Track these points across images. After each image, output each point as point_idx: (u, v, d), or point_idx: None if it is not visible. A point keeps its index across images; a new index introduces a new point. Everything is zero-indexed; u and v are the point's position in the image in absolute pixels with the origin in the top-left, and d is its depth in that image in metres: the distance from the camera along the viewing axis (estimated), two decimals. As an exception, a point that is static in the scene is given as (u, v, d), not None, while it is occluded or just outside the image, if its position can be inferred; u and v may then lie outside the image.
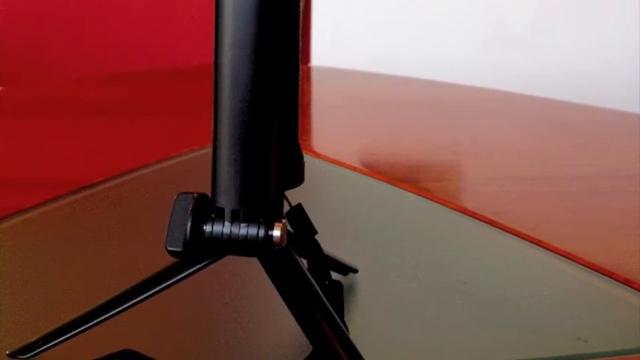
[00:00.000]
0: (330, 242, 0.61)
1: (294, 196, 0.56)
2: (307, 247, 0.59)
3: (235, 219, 0.52)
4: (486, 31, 2.42)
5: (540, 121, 1.38)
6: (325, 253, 0.60)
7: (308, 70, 1.89)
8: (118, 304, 0.55)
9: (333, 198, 0.98)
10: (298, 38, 0.56)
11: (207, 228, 0.52)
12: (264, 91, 0.51)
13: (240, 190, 0.52)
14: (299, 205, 0.58)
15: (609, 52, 2.37)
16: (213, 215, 0.52)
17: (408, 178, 1.01)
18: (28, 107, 1.41)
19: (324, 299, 0.53)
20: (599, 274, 0.75)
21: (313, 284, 0.54)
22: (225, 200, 0.52)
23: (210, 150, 0.52)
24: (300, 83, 0.56)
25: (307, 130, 1.26)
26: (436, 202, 0.92)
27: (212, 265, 0.53)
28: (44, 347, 0.55)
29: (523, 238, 0.82)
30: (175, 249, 0.52)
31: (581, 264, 0.76)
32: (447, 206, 0.90)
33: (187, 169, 1.02)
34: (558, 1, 2.38)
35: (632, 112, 1.43)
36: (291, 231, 0.57)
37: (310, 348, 0.54)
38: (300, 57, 0.56)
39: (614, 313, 0.70)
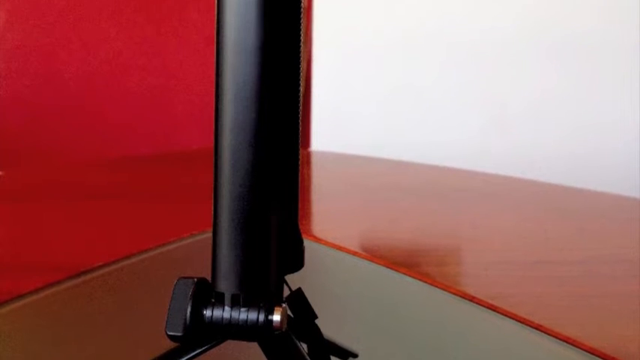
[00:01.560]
0: (330, 326, 0.61)
1: (294, 280, 0.56)
2: (307, 331, 0.58)
3: (235, 304, 0.52)
4: (486, 116, 2.44)
5: (540, 206, 1.39)
6: (325, 337, 0.60)
7: (308, 155, 1.90)
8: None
9: (333, 282, 0.97)
10: (298, 122, 0.57)
11: (208, 313, 0.52)
12: (264, 176, 0.52)
13: (239, 275, 0.52)
14: (299, 290, 0.58)
15: (609, 135, 2.38)
16: (213, 300, 0.52)
17: (408, 262, 1.01)
18: (27, 191, 1.41)
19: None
20: (599, 359, 0.74)
21: (313, 369, 0.53)
22: (225, 285, 0.52)
23: (210, 235, 0.53)
24: (300, 168, 0.56)
25: (307, 215, 1.26)
26: (436, 286, 0.92)
27: (212, 350, 0.53)
28: None
29: (523, 323, 0.82)
30: (175, 334, 0.52)
31: (581, 349, 0.76)
32: (446, 291, 0.90)
33: (187, 254, 1.02)
34: (557, 84, 2.40)
35: (632, 197, 1.43)
36: (291, 315, 0.57)
37: None
38: (300, 141, 0.57)
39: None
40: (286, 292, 0.56)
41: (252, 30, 0.52)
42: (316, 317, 0.59)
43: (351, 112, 2.53)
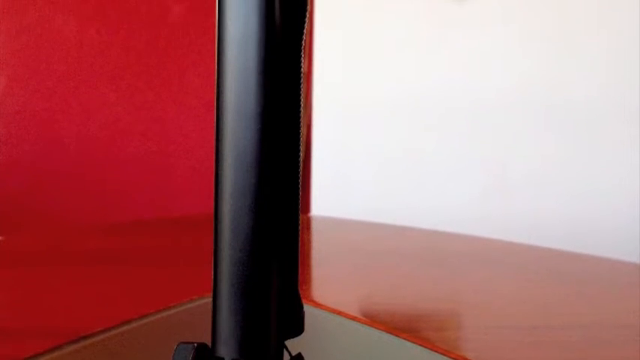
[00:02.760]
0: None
1: (294, 345, 0.56)
2: (307, 397, 0.58)
3: (235, 369, 0.52)
4: (486, 180, 2.44)
5: (541, 271, 1.38)
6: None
7: (308, 220, 1.90)
8: None
9: (334, 347, 0.97)
10: (298, 188, 0.57)
11: (207, 378, 0.52)
12: (264, 242, 0.52)
13: (240, 340, 0.52)
14: (299, 355, 0.58)
15: (608, 200, 2.38)
16: (213, 365, 0.52)
17: (408, 327, 1.01)
18: (27, 256, 1.41)
19: None
20: None
21: None
22: (225, 350, 0.52)
23: (210, 300, 0.52)
24: (299, 233, 0.56)
25: (307, 280, 1.25)
26: (436, 351, 0.91)
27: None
28: None
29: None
30: (176, 399, 0.51)
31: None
32: (447, 356, 0.90)
33: (187, 319, 1.02)
34: (557, 149, 2.41)
35: (632, 262, 1.43)
36: (291, 381, 0.56)
37: None
38: (300, 206, 0.57)
39: None
40: (286, 358, 0.56)
41: (252, 95, 0.53)
42: (316, 382, 0.59)
43: (351, 177, 2.53)
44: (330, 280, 1.32)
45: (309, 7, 0.57)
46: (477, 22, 2.42)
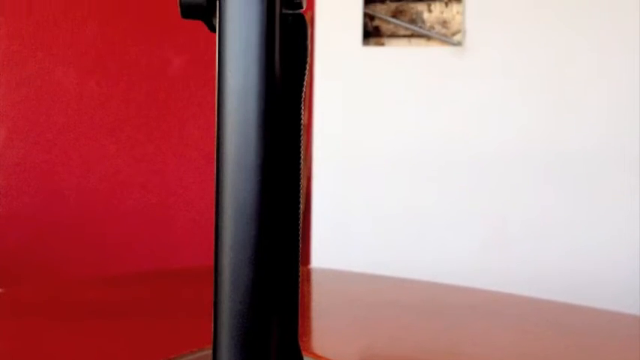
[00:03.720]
0: None
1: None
2: None
3: (235, 422, 0.52)
4: (486, 233, 2.44)
5: (540, 323, 1.38)
6: None
7: (308, 272, 1.90)
8: None
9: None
10: (298, 240, 0.57)
11: None
12: (264, 294, 0.52)
13: (239, 392, 0.52)
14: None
15: (608, 252, 2.38)
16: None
17: (408, 380, 1.00)
18: (27, 308, 1.40)
19: None
20: None
21: None
22: (225, 402, 0.52)
23: (210, 352, 0.52)
24: (300, 285, 0.56)
25: (307, 332, 1.25)
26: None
27: None
28: None
29: None
30: None
31: None
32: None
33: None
34: (556, 201, 2.41)
35: (631, 314, 1.42)
36: None
37: None
38: (300, 258, 0.57)
39: None
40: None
41: (252, 147, 0.53)
42: None
43: (351, 229, 2.53)
44: (330, 332, 1.32)
45: (309, 60, 0.57)
46: (477, 74, 2.43)
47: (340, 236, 2.53)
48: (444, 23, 2.44)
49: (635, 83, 2.35)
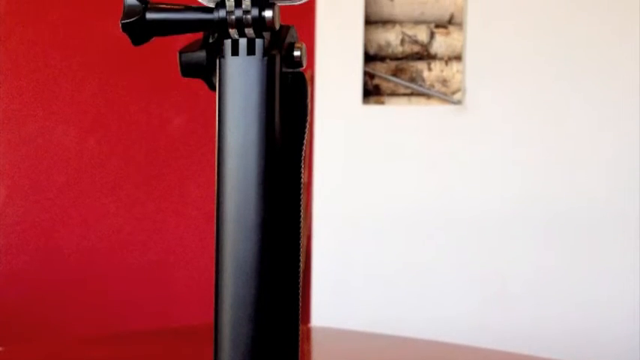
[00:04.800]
0: None
1: None
2: None
3: None
4: (486, 291, 2.43)
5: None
6: None
7: (308, 331, 1.89)
8: None
9: None
10: (298, 298, 0.57)
11: None
12: (264, 352, 0.52)
13: None
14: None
15: (608, 311, 2.37)
16: None
17: None
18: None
19: None
20: None
21: None
22: None
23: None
24: (300, 344, 0.56)
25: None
26: None
27: None
28: None
29: None
30: None
31: None
32: None
33: None
34: (556, 260, 2.40)
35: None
36: None
37: None
38: (300, 317, 0.57)
39: None
40: None
41: (252, 206, 0.53)
42: None
43: (351, 287, 2.53)
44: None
45: (309, 118, 0.58)
46: (477, 133, 2.44)
47: (340, 294, 2.52)
48: (444, 82, 2.45)
49: (635, 141, 2.36)
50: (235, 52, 0.56)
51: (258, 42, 0.55)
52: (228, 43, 0.56)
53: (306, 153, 0.58)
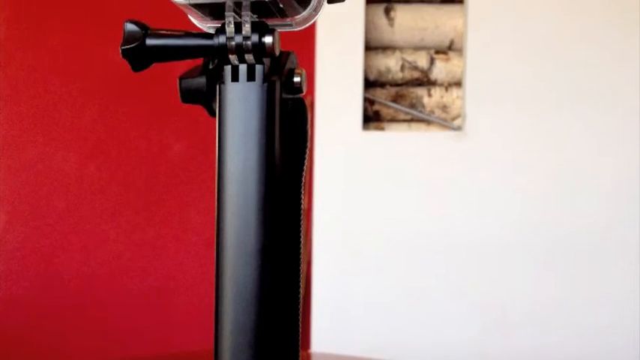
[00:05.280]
0: None
1: None
2: None
3: None
4: (486, 318, 2.43)
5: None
6: None
7: (308, 357, 1.89)
8: None
9: None
10: (299, 324, 0.57)
11: None
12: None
13: None
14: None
15: (608, 338, 2.36)
16: None
17: None
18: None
19: None
20: None
21: None
22: None
23: None
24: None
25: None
26: None
27: None
28: None
29: None
30: None
31: None
32: None
33: None
34: (556, 287, 2.40)
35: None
36: None
37: None
38: (300, 343, 0.57)
39: None
40: None
41: (252, 232, 0.53)
42: None
43: (351, 313, 2.52)
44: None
45: (309, 144, 0.58)
46: (477, 158, 2.44)
47: (340, 320, 2.52)
48: (444, 108, 2.45)
49: (635, 168, 2.36)
50: (235, 78, 0.56)
51: (258, 68, 0.56)
52: (228, 69, 0.56)
53: (306, 179, 0.58)
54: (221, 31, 0.56)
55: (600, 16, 2.39)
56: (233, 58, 0.56)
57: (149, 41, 0.56)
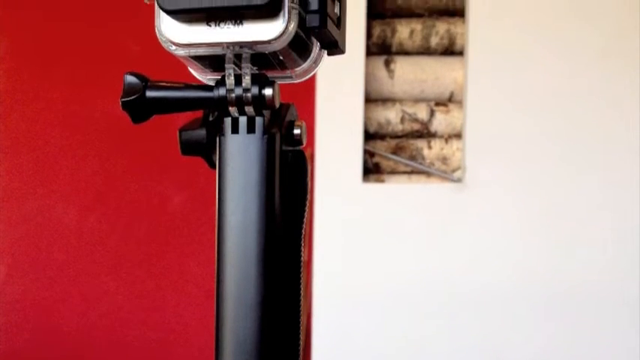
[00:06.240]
0: None
1: None
2: None
3: None
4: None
5: None
6: None
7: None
8: None
9: None
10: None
11: None
12: None
13: None
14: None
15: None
16: None
17: None
18: None
19: None
20: None
21: None
22: None
23: None
24: None
25: None
26: None
27: None
28: None
29: None
30: None
31: None
32: None
33: None
34: (556, 338, 2.39)
35: None
36: None
37: None
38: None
39: None
40: None
41: (252, 284, 0.53)
42: None
43: (351, 366, 2.51)
44: None
45: (309, 196, 0.58)
46: (477, 210, 2.44)
47: (341, 373, 2.50)
48: (444, 160, 2.46)
49: (635, 223, 2.36)
50: (235, 130, 0.56)
51: (259, 120, 0.56)
52: (228, 121, 0.56)
53: (306, 231, 0.58)
54: (221, 83, 0.56)
55: (600, 69, 2.40)
56: (233, 110, 0.56)
57: (149, 93, 0.56)
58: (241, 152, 0.55)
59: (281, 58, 0.56)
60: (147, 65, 1.28)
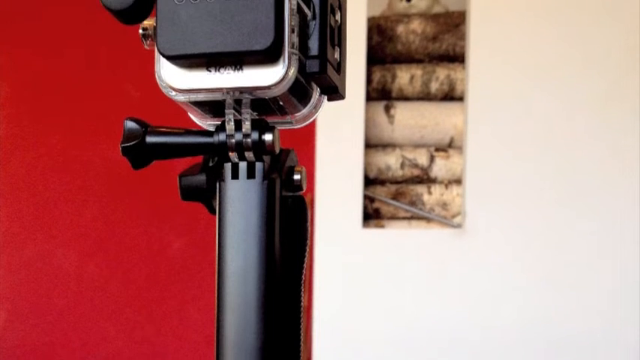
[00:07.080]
0: None
1: None
2: None
3: None
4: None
5: None
6: None
7: None
8: None
9: None
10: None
11: None
12: None
13: None
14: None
15: None
16: None
17: None
18: None
19: None
20: None
21: None
22: None
23: None
24: None
25: None
26: None
27: None
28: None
29: None
30: None
31: None
32: None
33: None
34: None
35: None
36: None
37: None
38: None
39: None
40: None
41: (252, 330, 0.53)
42: None
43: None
44: None
45: (309, 241, 0.58)
46: (477, 256, 2.44)
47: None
48: (444, 205, 2.46)
49: (635, 268, 2.35)
50: (235, 175, 0.56)
51: (259, 165, 0.56)
52: (228, 166, 0.56)
53: (306, 276, 0.58)
54: (221, 128, 0.56)
55: (600, 115, 2.40)
56: (233, 155, 0.56)
57: (149, 139, 0.56)
58: (241, 198, 0.55)
59: (281, 103, 0.56)
60: (147, 111, 1.28)
